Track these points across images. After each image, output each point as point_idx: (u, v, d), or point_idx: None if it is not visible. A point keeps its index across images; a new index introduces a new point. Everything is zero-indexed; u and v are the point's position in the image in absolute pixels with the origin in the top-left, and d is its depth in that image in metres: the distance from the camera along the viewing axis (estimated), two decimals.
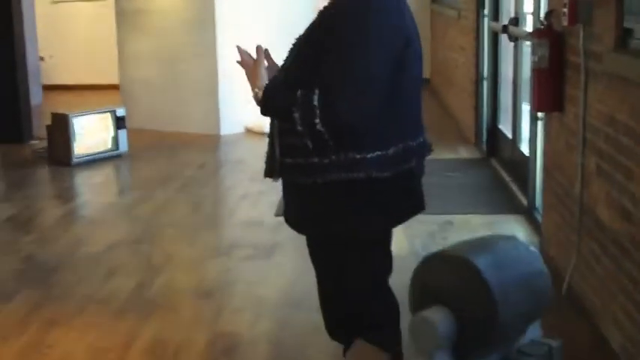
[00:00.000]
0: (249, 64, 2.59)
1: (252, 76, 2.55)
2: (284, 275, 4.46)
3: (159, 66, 9.06)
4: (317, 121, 2.35)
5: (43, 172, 7.29)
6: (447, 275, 1.63)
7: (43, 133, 7.71)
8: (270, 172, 2.63)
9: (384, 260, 2.68)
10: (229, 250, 4.95)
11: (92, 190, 6.78)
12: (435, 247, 4.91)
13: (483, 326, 1.56)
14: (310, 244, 2.67)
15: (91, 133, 7.44)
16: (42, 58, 12.34)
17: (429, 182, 3.07)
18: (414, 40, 2.53)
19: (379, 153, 2.45)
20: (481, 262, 1.57)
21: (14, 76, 8.49)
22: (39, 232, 5.42)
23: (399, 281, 2.68)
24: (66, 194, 6.60)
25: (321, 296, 2.71)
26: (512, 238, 1.72)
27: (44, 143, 7.68)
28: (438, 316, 1.57)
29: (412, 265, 4.33)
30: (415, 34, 2.56)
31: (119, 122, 7.56)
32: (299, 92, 2.39)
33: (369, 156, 2.44)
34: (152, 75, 9.11)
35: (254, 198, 5.97)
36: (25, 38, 9.08)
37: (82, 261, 4.82)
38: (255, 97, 2.52)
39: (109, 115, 7.54)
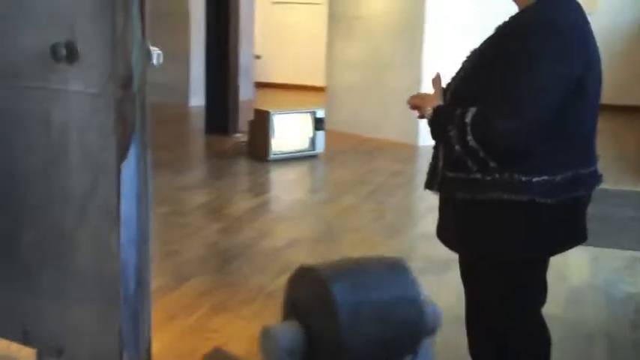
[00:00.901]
0: (427, 98, 2.55)
1: (427, 101, 2.51)
2: (454, 292, 4.32)
3: (364, 71, 9.15)
4: (469, 138, 2.29)
5: (241, 165, 7.55)
6: (305, 290, 1.60)
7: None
8: (430, 183, 2.57)
9: (537, 289, 2.54)
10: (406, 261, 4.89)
11: (283, 187, 6.94)
12: (620, 284, 4.64)
13: (331, 347, 1.50)
14: (462, 263, 2.59)
15: (291, 131, 7.62)
16: (258, 57, 12.82)
17: (623, 215, 2.85)
18: (596, 64, 2.40)
19: (546, 178, 2.34)
20: (337, 281, 1.52)
21: (226, 71, 8.87)
22: (226, 221, 5.61)
23: (574, 314, 2.54)
24: (258, 188, 6.79)
25: (467, 318, 2.62)
26: (393, 262, 1.63)
27: (246, 137, 7.95)
28: (283, 331, 1.55)
29: (589, 299, 4.13)
30: (597, 57, 2.41)
31: (318, 123, 7.71)
32: (458, 111, 2.32)
33: (534, 180, 2.33)
34: (357, 80, 9.22)
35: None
36: (241, 36, 9.46)
37: (261, 253, 4.93)
38: (428, 117, 2.48)
39: (308, 115, 7.71)
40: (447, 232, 2.59)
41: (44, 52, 2.88)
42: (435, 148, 2.56)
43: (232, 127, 8.82)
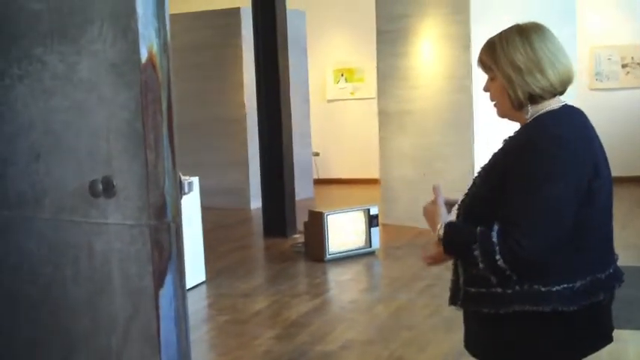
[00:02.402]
0: (429, 210, 2.61)
1: (432, 218, 2.57)
2: None
3: (417, 164, 9.27)
4: (497, 257, 2.34)
5: (299, 267, 7.67)
6: None
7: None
8: (453, 299, 2.62)
9: None
10: (458, 358, 4.89)
11: (339, 287, 7.01)
12: None
13: None
14: None
15: (345, 230, 7.73)
16: (316, 154, 13.07)
17: None
18: (603, 169, 2.46)
19: (565, 286, 2.39)
20: None
21: (281, 173, 9.06)
22: (281, 328, 5.69)
23: None
24: (315, 290, 6.86)
25: None
26: None
27: (303, 238, 8.09)
28: None
29: None
30: (604, 162, 2.48)
31: (372, 220, 7.81)
32: (478, 229, 2.39)
33: (554, 289, 2.39)
34: (410, 172, 9.33)
35: None
36: (297, 136, 9.70)
37: (314, 359, 4.99)
38: (438, 235, 2.51)
39: (362, 213, 7.82)
40: (474, 345, 2.63)
41: (85, 188, 3.07)
42: (455, 263, 2.61)
43: (290, 228, 8.97)
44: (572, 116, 2.50)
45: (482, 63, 2.56)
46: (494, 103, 2.60)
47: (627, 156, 11.65)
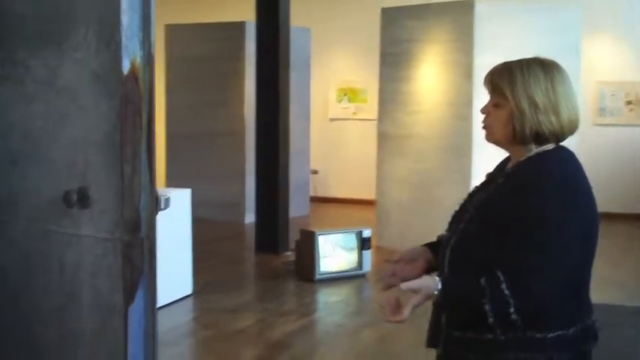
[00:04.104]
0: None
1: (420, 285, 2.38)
2: None
3: (414, 188, 9.19)
4: (512, 310, 2.24)
5: (288, 286, 7.58)
6: None
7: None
8: (433, 341, 2.49)
9: None
10: None
11: (327, 309, 6.92)
12: None
13: None
14: None
15: (337, 251, 7.65)
16: (315, 172, 13.00)
17: None
18: (597, 213, 2.38)
19: (560, 333, 2.30)
20: None
21: (276, 189, 8.99)
22: (263, 347, 5.61)
23: None
24: (301, 310, 6.76)
25: None
26: None
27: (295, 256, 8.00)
28: None
29: None
30: (596, 205, 2.39)
31: (364, 243, 7.72)
32: (483, 282, 2.26)
33: (549, 335, 2.29)
34: (407, 196, 9.25)
35: None
36: (296, 152, 9.63)
37: None
38: (434, 298, 2.33)
39: (354, 235, 7.73)
40: None
41: (59, 197, 3.01)
42: (435, 303, 2.41)
43: (282, 245, 8.88)
44: (570, 157, 2.41)
45: (494, 87, 2.40)
46: (485, 125, 2.45)
47: (626, 193, 11.58)
